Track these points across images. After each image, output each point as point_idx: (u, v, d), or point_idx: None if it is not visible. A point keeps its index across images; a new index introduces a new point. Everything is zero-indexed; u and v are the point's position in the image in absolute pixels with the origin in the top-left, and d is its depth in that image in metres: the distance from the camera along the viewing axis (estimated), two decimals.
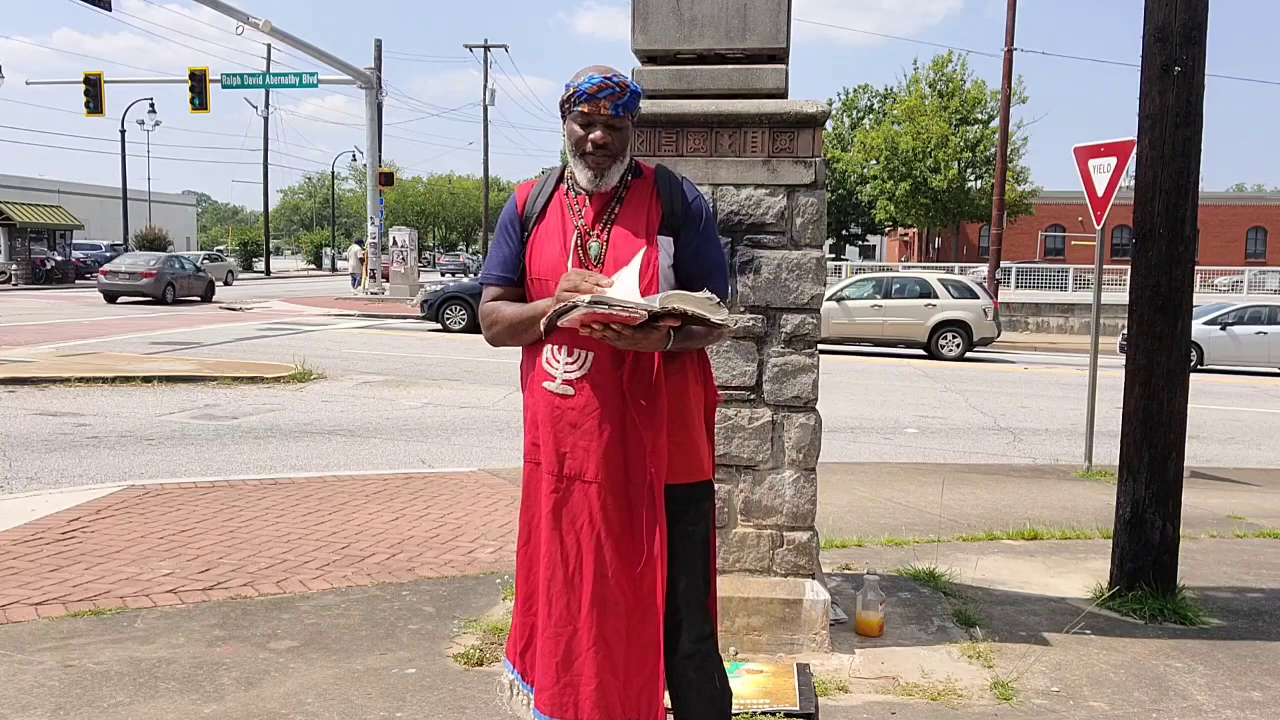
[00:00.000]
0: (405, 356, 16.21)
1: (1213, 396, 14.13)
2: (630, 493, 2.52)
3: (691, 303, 2.34)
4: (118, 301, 28.14)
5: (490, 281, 2.74)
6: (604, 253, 2.56)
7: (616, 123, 2.54)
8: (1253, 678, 3.94)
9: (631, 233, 2.57)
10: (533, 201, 2.69)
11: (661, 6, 4.06)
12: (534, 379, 2.66)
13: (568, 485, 2.56)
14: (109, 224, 58.80)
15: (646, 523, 2.51)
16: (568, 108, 2.57)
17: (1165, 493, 4.70)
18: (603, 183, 2.58)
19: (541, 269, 2.61)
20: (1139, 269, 4.75)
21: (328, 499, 6.43)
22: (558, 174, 2.72)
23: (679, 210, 2.63)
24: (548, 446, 2.59)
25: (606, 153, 2.54)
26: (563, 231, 2.60)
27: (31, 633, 4.11)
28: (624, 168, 2.61)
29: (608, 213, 2.60)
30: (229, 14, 26.12)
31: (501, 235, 2.72)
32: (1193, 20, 4.55)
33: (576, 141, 2.57)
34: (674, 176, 2.70)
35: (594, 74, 2.53)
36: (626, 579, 2.51)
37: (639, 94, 2.58)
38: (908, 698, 3.66)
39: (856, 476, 7.82)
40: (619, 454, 2.51)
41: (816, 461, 4.08)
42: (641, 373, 2.48)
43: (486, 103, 51.06)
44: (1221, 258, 50.55)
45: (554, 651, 2.53)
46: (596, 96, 2.51)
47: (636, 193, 2.63)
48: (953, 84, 46.36)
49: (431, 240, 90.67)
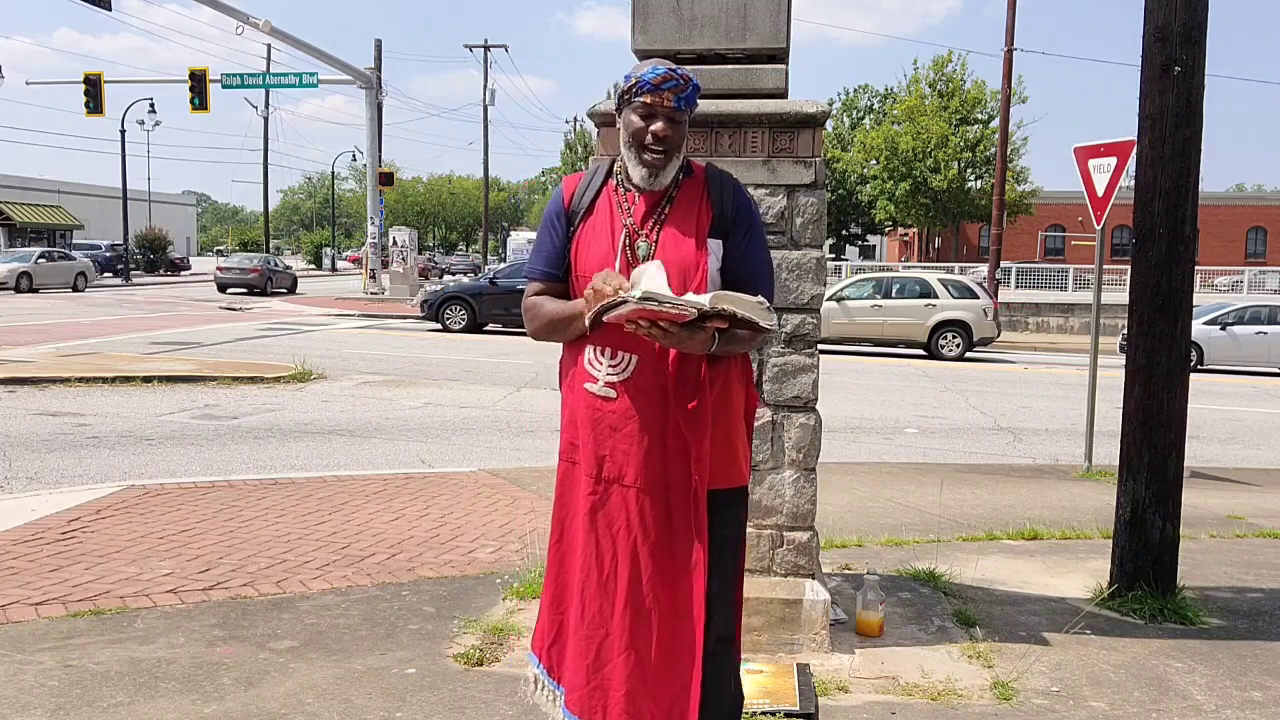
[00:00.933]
0: (405, 356, 16.21)
1: (1213, 396, 14.13)
2: (670, 498, 2.48)
3: (741, 305, 2.29)
4: (227, 291, 34.89)
5: (534, 276, 2.67)
6: (652, 253, 2.50)
7: (678, 116, 2.48)
8: (1253, 678, 3.94)
9: (681, 234, 2.51)
10: (580, 195, 2.62)
11: (661, 6, 4.06)
12: (575, 378, 2.58)
13: (606, 488, 2.51)
14: (109, 224, 58.76)
15: (686, 530, 2.47)
16: (627, 98, 2.50)
17: (1165, 493, 4.70)
18: (657, 181, 2.52)
19: (587, 266, 2.54)
20: (1139, 269, 4.75)
21: (328, 499, 6.43)
22: (606, 167, 2.65)
23: (730, 213, 2.57)
24: (587, 448, 2.53)
25: (665, 147, 2.48)
26: (611, 229, 2.54)
27: (31, 633, 4.11)
28: (677, 166, 2.55)
29: (657, 212, 2.54)
30: (229, 14, 26.13)
31: (547, 229, 2.65)
32: (1193, 20, 4.55)
33: (635, 133, 2.49)
34: (726, 177, 2.63)
35: (658, 65, 2.47)
36: (662, 585, 2.48)
37: (699, 88, 2.53)
38: (908, 698, 3.66)
39: (856, 476, 7.82)
40: (659, 459, 2.47)
41: (816, 461, 4.08)
42: (687, 376, 2.44)
43: (486, 103, 51.13)
44: (1221, 258, 50.54)
45: (586, 653, 2.51)
46: (661, 88, 2.44)
47: (687, 192, 2.57)
48: (953, 84, 46.37)
49: (431, 240, 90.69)
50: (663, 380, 2.46)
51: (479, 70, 54.53)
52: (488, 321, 21.46)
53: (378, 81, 34.97)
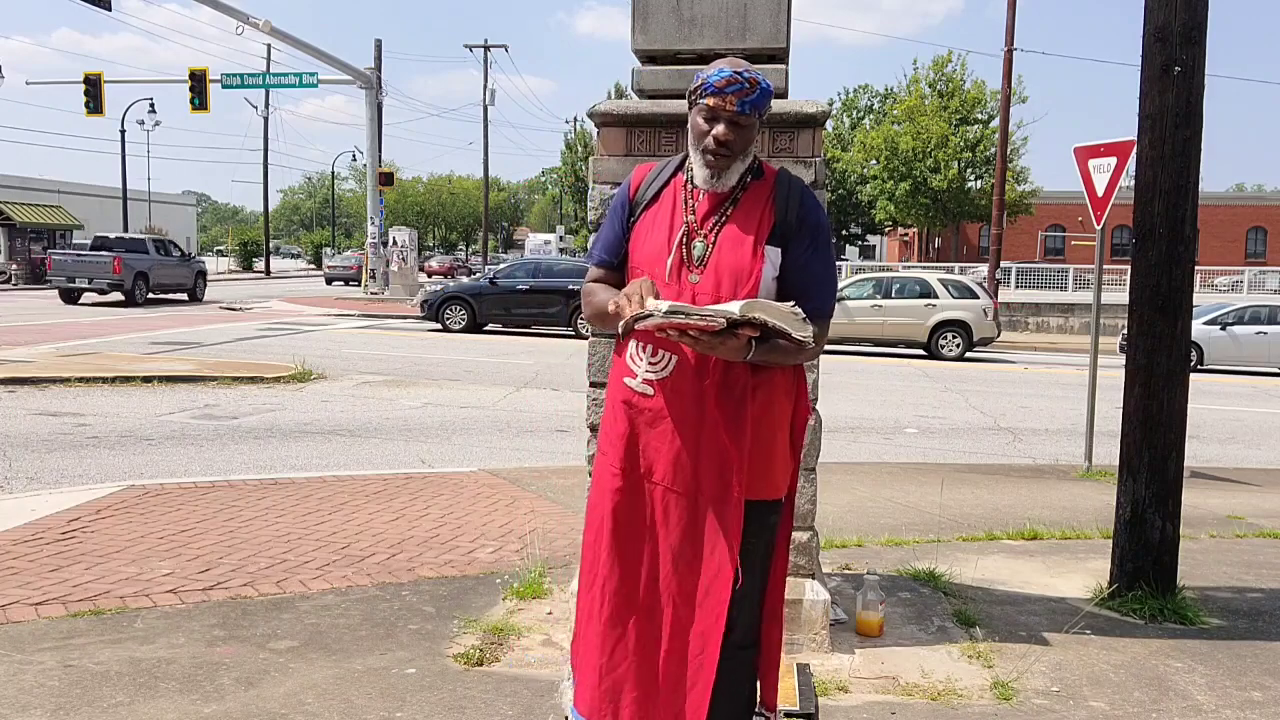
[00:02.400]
0: (405, 356, 16.21)
1: (1213, 396, 14.13)
2: (699, 502, 2.44)
3: (773, 314, 2.25)
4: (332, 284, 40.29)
5: (594, 261, 2.67)
6: (708, 254, 2.47)
7: (742, 120, 2.43)
8: (1253, 678, 3.94)
9: (739, 238, 2.46)
10: (647, 186, 2.60)
11: (661, 7, 4.06)
12: (617, 371, 2.57)
13: (635, 484, 2.49)
14: (109, 224, 58.65)
15: (717, 537, 2.42)
16: (693, 99, 2.48)
17: (1165, 493, 4.70)
18: (719, 183, 2.49)
19: (641, 258, 2.53)
20: (1139, 269, 4.75)
21: (328, 499, 6.43)
22: (678, 160, 2.62)
23: (794, 220, 2.50)
24: (620, 441, 2.51)
25: (727, 151, 2.44)
26: (670, 224, 2.52)
27: (31, 633, 4.10)
28: (744, 168, 2.52)
29: (720, 213, 2.50)
30: (229, 14, 26.12)
31: (611, 216, 2.64)
32: (1193, 20, 4.55)
33: (698, 136, 2.47)
34: (796, 183, 2.57)
35: (724, 67, 2.43)
36: (681, 590, 2.44)
37: (770, 92, 2.47)
38: (908, 698, 3.66)
39: (856, 476, 7.82)
40: (690, 461, 2.44)
41: (816, 461, 4.08)
42: (730, 383, 2.41)
43: (486, 103, 51.08)
44: (1221, 258, 50.54)
45: (601, 653, 2.48)
46: (725, 91, 2.41)
47: (752, 196, 2.52)
48: (953, 84, 46.38)
49: (431, 240, 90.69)
50: (701, 383, 2.42)
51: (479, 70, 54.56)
52: (488, 321, 21.45)
53: (378, 81, 34.95)
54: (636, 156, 3.95)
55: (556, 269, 22.03)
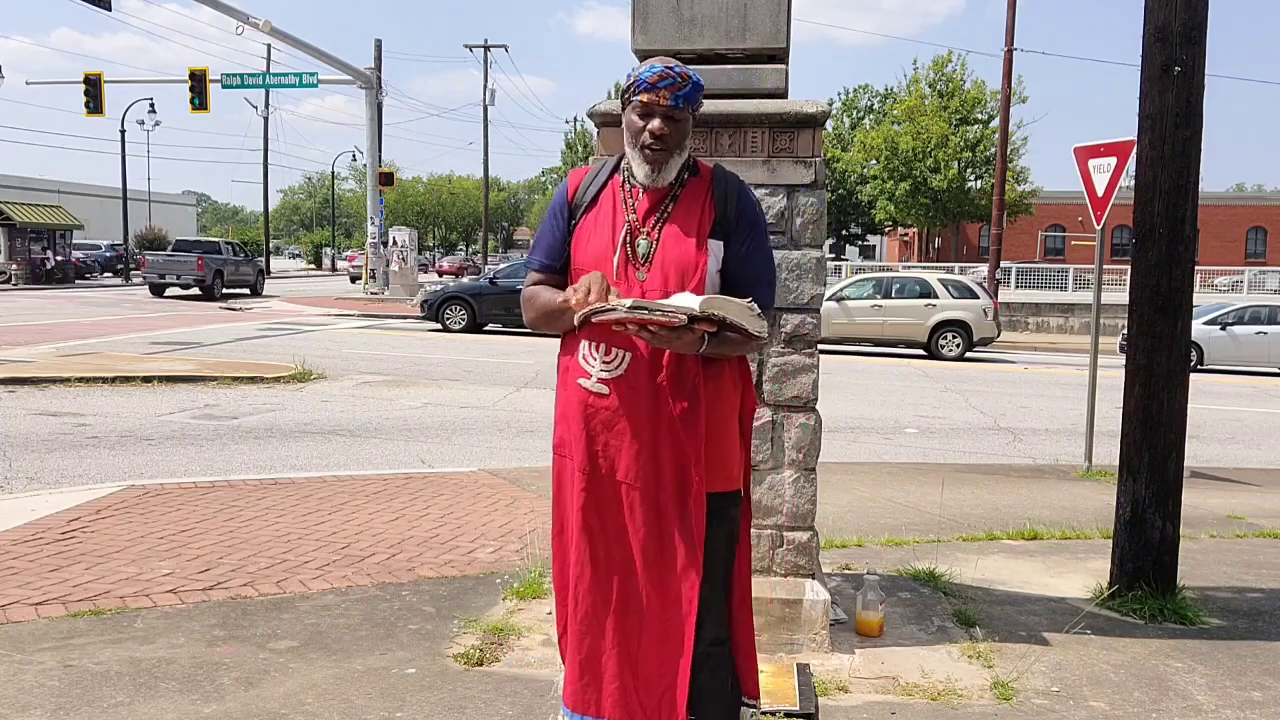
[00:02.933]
0: (405, 356, 16.21)
1: (1213, 396, 14.13)
2: (660, 496, 2.49)
3: (731, 310, 2.30)
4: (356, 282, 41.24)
5: (533, 266, 2.70)
6: (652, 251, 2.51)
7: (676, 114, 2.48)
8: (1253, 678, 3.94)
9: (682, 233, 2.51)
10: (585, 188, 2.63)
11: (661, 6, 4.06)
12: (568, 373, 2.59)
13: (598, 484, 2.52)
14: (109, 224, 58.79)
15: (681, 529, 2.47)
16: (627, 98, 2.52)
17: (1165, 493, 4.70)
18: (659, 178, 2.53)
19: (586, 259, 2.56)
20: (1139, 269, 4.75)
21: (328, 499, 6.43)
22: (614, 162, 2.66)
23: (733, 214, 2.57)
24: (579, 443, 2.54)
25: (663, 145, 2.48)
26: (613, 224, 2.55)
27: (31, 633, 4.10)
28: (681, 163, 2.56)
29: (660, 210, 2.55)
30: (229, 14, 26.12)
31: (550, 220, 2.67)
32: (1193, 20, 4.55)
33: (635, 133, 2.51)
34: (732, 179, 2.63)
35: (655, 63, 2.49)
36: (651, 582, 2.49)
37: (701, 86, 2.52)
38: (908, 698, 3.66)
39: (856, 476, 7.82)
40: (650, 456, 2.48)
41: (816, 461, 4.08)
42: (682, 376, 2.45)
43: (486, 103, 51.12)
44: (1221, 258, 50.55)
45: (579, 648, 2.53)
46: (657, 86, 2.46)
47: (691, 192, 2.58)
48: (953, 84, 46.37)
49: (431, 240, 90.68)
50: (656, 378, 2.46)
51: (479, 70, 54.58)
52: (488, 321, 21.46)
53: (378, 81, 34.96)
54: None
55: None
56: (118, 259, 46.57)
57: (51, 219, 40.27)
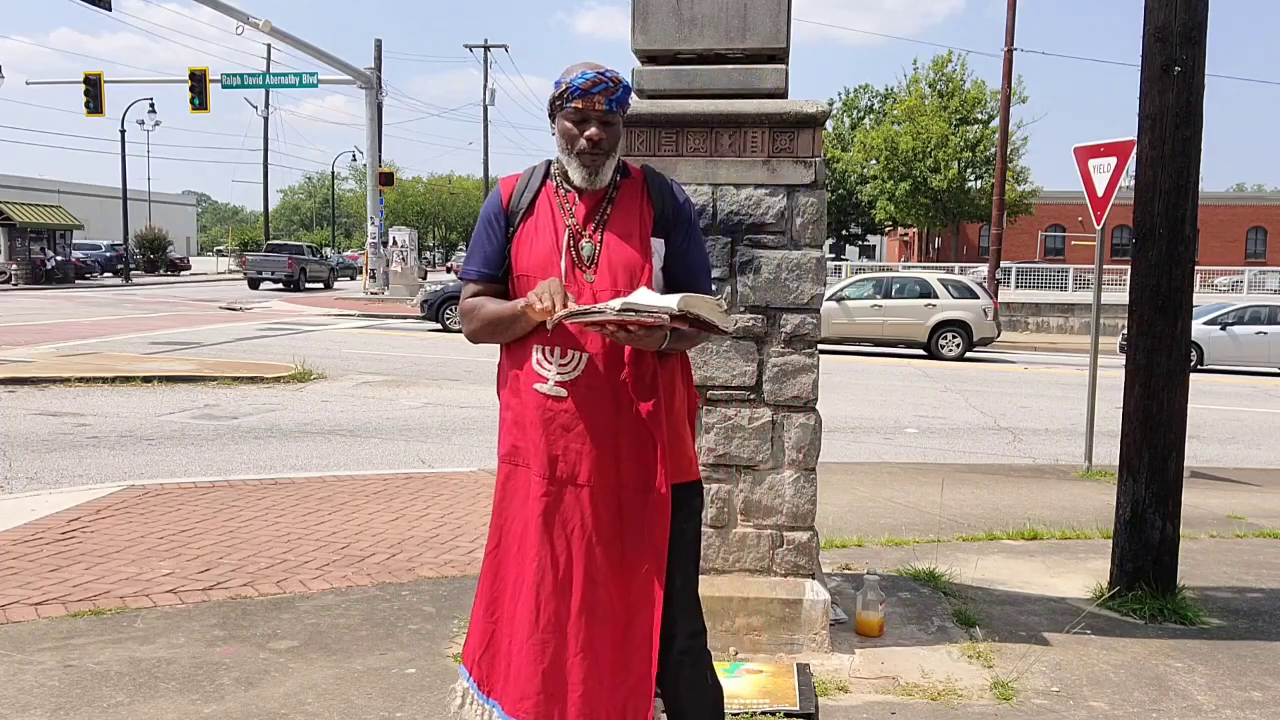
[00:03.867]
0: (405, 356, 16.21)
1: (1213, 396, 14.13)
2: (622, 496, 2.49)
3: (705, 308, 2.33)
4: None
5: (470, 277, 2.66)
6: (597, 253, 2.53)
7: (610, 118, 2.50)
8: (1253, 678, 3.94)
9: (625, 235, 2.54)
10: (519, 196, 2.63)
11: (661, 6, 4.06)
12: (520, 380, 2.57)
13: (559, 489, 2.50)
14: (109, 224, 58.82)
15: (639, 528, 2.48)
16: (559, 105, 2.53)
17: (1165, 493, 4.70)
18: (596, 180, 2.54)
19: (529, 266, 2.55)
20: (1139, 269, 4.75)
21: (328, 499, 6.43)
22: (544, 169, 2.66)
23: (670, 212, 2.60)
24: (538, 449, 2.52)
25: (601, 150, 2.50)
26: (554, 229, 2.55)
27: (31, 633, 4.11)
28: (614, 165, 2.58)
29: (599, 213, 2.56)
30: (229, 14, 26.12)
31: (484, 229, 2.65)
32: (1193, 20, 4.55)
33: (570, 139, 2.52)
34: (663, 178, 2.67)
35: (586, 70, 2.49)
36: (615, 584, 2.48)
37: (630, 89, 2.56)
38: (908, 698, 3.66)
39: (856, 476, 7.82)
40: (611, 457, 2.48)
41: (816, 461, 4.08)
42: (641, 373, 2.46)
43: (486, 103, 51.12)
44: (1221, 258, 50.54)
45: (540, 658, 2.48)
46: (591, 92, 2.47)
47: (627, 193, 2.60)
48: (953, 84, 46.37)
49: (431, 240, 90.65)
50: (613, 378, 2.47)
51: (479, 70, 54.58)
52: None
53: (378, 81, 34.96)
54: (635, 156, 3.95)
55: None
56: (118, 259, 46.60)
57: (51, 219, 40.28)
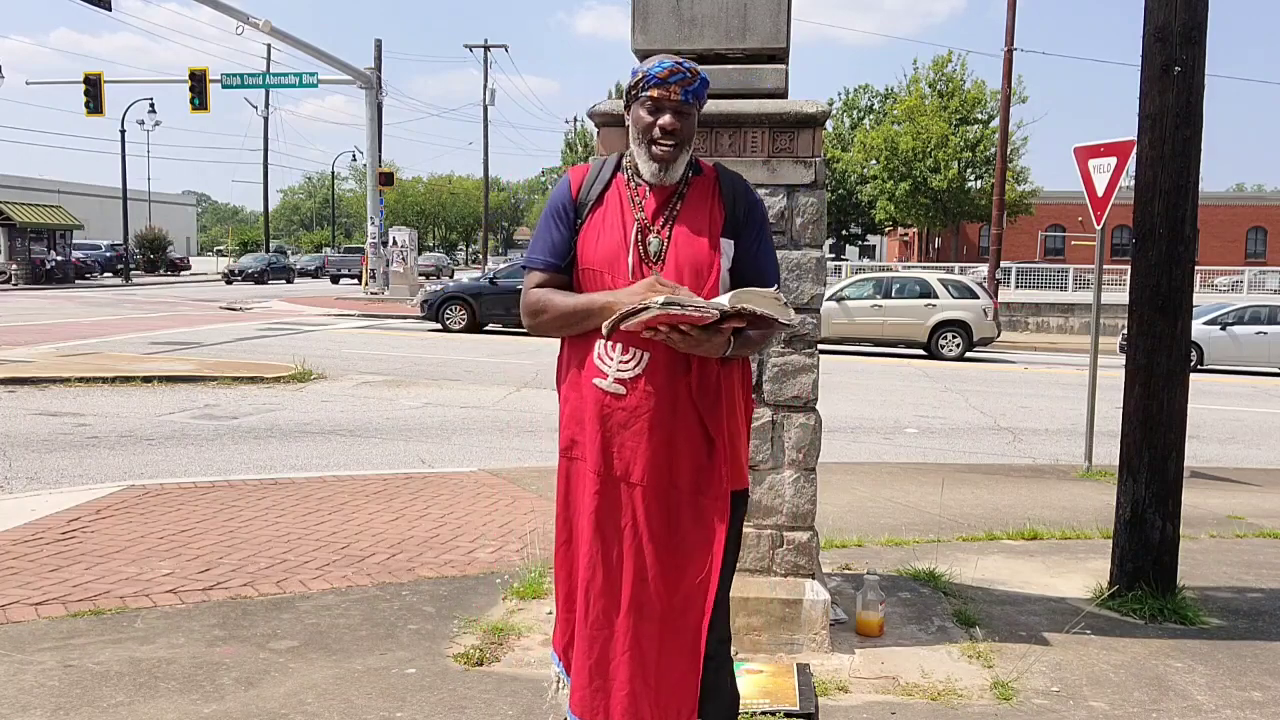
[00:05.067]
0: (405, 356, 16.21)
1: (1213, 396, 14.12)
2: (677, 498, 2.47)
3: (760, 301, 2.28)
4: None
5: (536, 266, 2.61)
6: (664, 250, 2.48)
7: (686, 109, 2.47)
8: (1253, 678, 3.94)
9: (694, 232, 2.50)
10: (589, 187, 2.59)
11: (661, 6, 4.06)
12: (581, 374, 2.54)
13: (613, 486, 2.48)
14: (109, 224, 58.82)
15: (698, 532, 2.46)
16: (635, 94, 2.50)
17: (1165, 493, 4.70)
18: (667, 175, 2.50)
19: (595, 259, 2.51)
20: (1139, 269, 4.75)
21: (328, 499, 6.43)
22: (615, 160, 2.63)
23: (742, 213, 2.56)
24: (594, 445, 2.49)
25: (674, 140, 2.46)
26: (622, 223, 2.51)
27: (31, 633, 4.11)
28: (687, 161, 2.54)
29: (669, 209, 2.52)
30: (229, 14, 26.12)
31: (551, 219, 2.60)
32: (1193, 20, 4.55)
33: (644, 129, 2.48)
34: (737, 178, 2.62)
35: (665, 59, 2.47)
36: (664, 585, 2.46)
37: (708, 82, 2.51)
38: (908, 698, 3.66)
39: (856, 476, 7.82)
40: (666, 458, 2.45)
41: (816, 461, 4.08)
42: (705, 379, 2.44)
43: (486, 103, 51.11)
44: (1221, 258, 50.53)
45: (589, 653, 2.48)
46: (668, 81, 2.44)
47: (698, 191, 2.56)
48: (953, 84, 46.37)
49: (431, 240, 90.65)
50: (674, 380, 2.44)
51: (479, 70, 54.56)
52: (488, 321, 21.46)
53: (378, 81, 34.95)
54: None
55: None
56: (118, 259, 46.61)
57: (51, 219, 40.28)
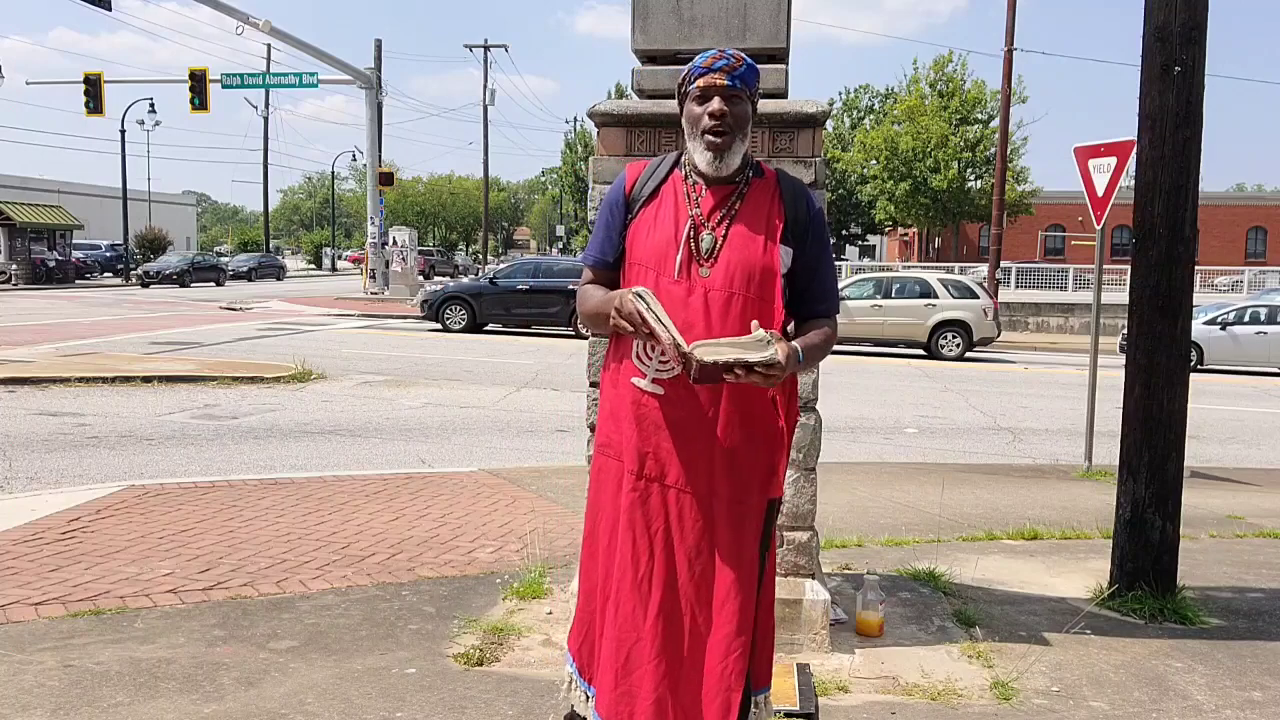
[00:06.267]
0: (405, 356, 16.21)
1: (1213, 396, 14.12)
2: (713, 504, 2.44)
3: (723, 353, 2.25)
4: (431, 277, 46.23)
5: (587, 263, 2.62)
6: (718, 248, 2.44)
7: (734, 94, 2.44)
8: (1253, 678, 3.94)
9: (751, 232, 2.45)
10: (643, 182, 2.56)
11: (661, 6, 4.06)
12: (620, 372, 2.52)
13: (646, 486, 2.45)
14: (109, 224, 58.77)
15: (734, 540, 2.43)
16: (684, 89, 2.48)
17: (1165, 493, 4.70)
18: (723, 164, 2.45)
19: (644, 254, 2.48)
20: (1139, 269, 4.75)
21: (328, 499, 6.43)
22: (674, 157, 2.60)
23: (805, 219, 2.51)
24: (629, 444, 2.47)
25: (726, 126, 2.42)
26: (675, 219, 2.47)
27: (31, 633, 4.10)
28: (744, 153, 2.49)
29: (727, 206, 2.48)
30: (229, 14, 26.12)
31: (606, 214, 2.59)
32: (1193, 20, 4.55)
33: (694, 119, 2.46)
34: (799, 184, 2.57)
35: (708, 49, 2.47)
36: (697, 591, 2.43)
37: (757, 70, 2.48)
38: (908, 698, 3.65)
39: (856, 476, 7.82)
40: (703, 461, 2.42)
41: (816, 461, 4.08)
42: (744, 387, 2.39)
43: (486, 103, 51.10)
44: (1221, 258, 50.52)
45: (617, 656, 2.44)
46: (712, 69, 2.43)
47: (758, 192, 2.52)
48: (953, 84, 46.35)
49: (431, 240, 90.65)
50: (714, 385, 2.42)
51: (479, 70, 54.51)
52: (488, 321, 21.46)
53: (378, 81, 34.95)
54: (636, 156, 3.95)
55: (556, 269, 22.03)
56: (118, 259, 46.60)
57: (51, 219, 40.28)
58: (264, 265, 52.20)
